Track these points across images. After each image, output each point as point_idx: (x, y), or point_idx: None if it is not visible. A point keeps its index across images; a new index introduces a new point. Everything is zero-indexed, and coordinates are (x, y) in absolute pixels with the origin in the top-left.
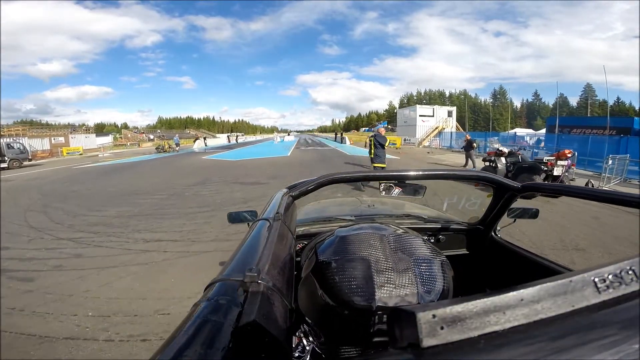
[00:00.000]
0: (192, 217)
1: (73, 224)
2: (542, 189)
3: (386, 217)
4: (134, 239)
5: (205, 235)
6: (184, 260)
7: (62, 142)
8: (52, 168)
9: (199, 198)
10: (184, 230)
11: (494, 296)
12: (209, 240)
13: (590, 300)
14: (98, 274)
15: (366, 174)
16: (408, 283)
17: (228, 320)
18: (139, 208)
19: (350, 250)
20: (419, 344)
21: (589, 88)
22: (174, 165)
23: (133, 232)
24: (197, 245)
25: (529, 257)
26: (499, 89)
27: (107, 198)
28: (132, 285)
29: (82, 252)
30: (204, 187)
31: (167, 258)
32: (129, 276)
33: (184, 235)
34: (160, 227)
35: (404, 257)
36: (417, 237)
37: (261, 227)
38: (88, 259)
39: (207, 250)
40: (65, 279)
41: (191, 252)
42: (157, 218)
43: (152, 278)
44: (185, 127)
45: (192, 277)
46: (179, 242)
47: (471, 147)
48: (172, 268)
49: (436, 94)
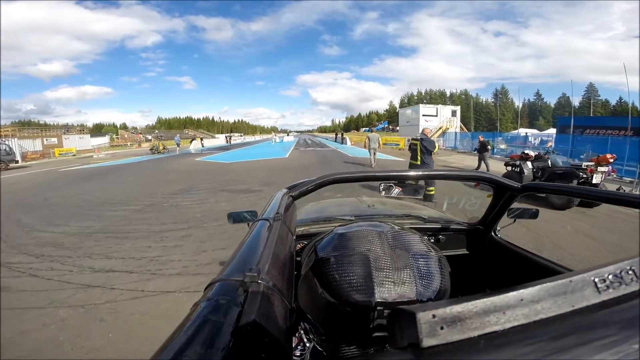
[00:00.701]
0: (161, 238)
1: (20, 243)
2: (542, 188)
3: (386, 217)
4: (80, 267)
5: (171, 266)
6: (133, 305)
7: (55, 143)
8: (37, 171)
9: (177, 211)
10: (146, 257)
11: (494, 296)
12: (173, 274)
13: (590, 300)
14: (16, 317)
15: (366, 174)
16: (407, 278)
17: (228, 320)
18: (104, 223)
19: (349, 246)
20: (419, 344)
21: (591, 88)
22: (163, 169)
23: (83, 257)
24: (156, 282)
25: (529, 257)
26: (500, 89)
27: (75, 208)
28: (54, 338)
29: (9, 284)
30: (186, 196)
31: (112, 299)
32: (54, 324)
33: (144, 264)
34: (118, 251)
35: (402, 253)
36: (415, 234)
37: (261, 227)
38: (13, 294)
39: (167, 289)
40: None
41: (145, 293)
42: (119, 238)
43: (83, 330)
44: (185, 127)
45: (137, 332)
46: (135, 274)
47: (485, 149)
48: (113, 316)
49: (437, 94)
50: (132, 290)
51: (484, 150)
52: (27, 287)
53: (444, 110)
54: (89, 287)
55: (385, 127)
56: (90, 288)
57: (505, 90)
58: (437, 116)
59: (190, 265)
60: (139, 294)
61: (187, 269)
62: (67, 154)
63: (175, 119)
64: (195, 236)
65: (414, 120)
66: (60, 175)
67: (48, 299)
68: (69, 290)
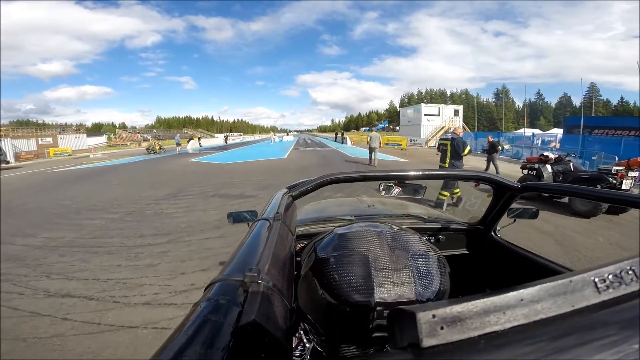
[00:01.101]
0: (135, 254)
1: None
2: (542, 188)
3: (386, 217)
4: (33, 289)
5: (140, 292)
6: (83, 342)
7: (50, 143)
8: (28, 172)
9: (160, 220)
10: (112, 279)
11: (494, 296)
12: (140, 304)
13: (590, 300)
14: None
15: (366, 174)
16: (406, 278)
17: (228, 320)
18: (77, 234)
19: (349, 246)
20: (419, 344)
21: (593, 87)
22: (155, 170)
23: (40, 277)
24: (117, 312)
25: (529, 257)
26: (501, 89)
27: (51, 216)
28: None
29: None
30: (173, 202)
31: (61, 333)
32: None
33: (107, 288)
34: (82, 270)
35: (402, 253)
36: (414, 234)
37: (261, 227)
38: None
39: (129, 323)
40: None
41: (102, 327)
42: (88, 252)
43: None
44: (184, 126)
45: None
46: (94, 301)
47: (495, 150)
48: (57, 354)
49: (437, 93)
50: (87, 323)
51: (493, 151)
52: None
53: (446, 109)
54: (37, 315)
55: (386, 126)
56: (38, 317)
57: (506, 89)
58: (439, 115)
59: (162, 292)
60: (93, 328)
61: (158, 296)
62: (62, 154)
63: (174, 119)
64: (174, 254)
65: (415, 120)
66: (50, 177)
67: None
68: (13, 319)
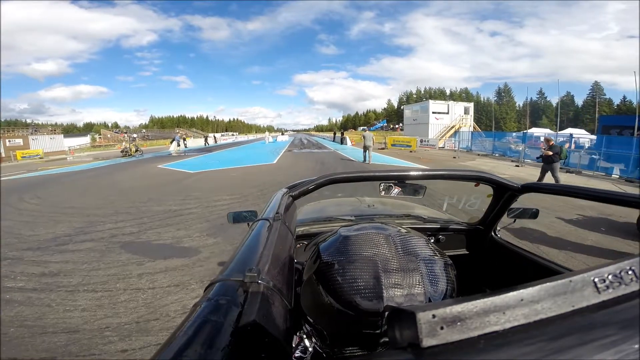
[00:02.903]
0: None
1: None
2: (542, 189)
3: (386, 217)
4: None
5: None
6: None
7: (21, 144)
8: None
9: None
10: None
11: (494, 296)
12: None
13: (590, 300)
14: None
15: (366, 174)
16: (416, 284)
17: (228, 320)
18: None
19: (356, 250)
20: (419, 344)
21: (597, 86)
22: (97, 184)
23: None
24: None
25: (529, 257)
26: (503, 87)
27: None
28: None
29: None
30: (47, 260)
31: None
32: None
33: None
34: None
35: (411, 258)
36: (421, 238)
37: (261, 227)
38: None
39: None
40: None
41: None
42: None
43: None
44: (178, 126)
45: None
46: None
47: (558, 158)
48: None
49: (436, 92)
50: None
51: (555, 159)
52: None
53: (455, 107)
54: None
55: (384, 126)
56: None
57: (508, 88)
58: (448, 114)
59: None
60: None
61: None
62: (33, 156)
63: (168, 118)
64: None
65: (422, 118)
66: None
67: None
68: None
